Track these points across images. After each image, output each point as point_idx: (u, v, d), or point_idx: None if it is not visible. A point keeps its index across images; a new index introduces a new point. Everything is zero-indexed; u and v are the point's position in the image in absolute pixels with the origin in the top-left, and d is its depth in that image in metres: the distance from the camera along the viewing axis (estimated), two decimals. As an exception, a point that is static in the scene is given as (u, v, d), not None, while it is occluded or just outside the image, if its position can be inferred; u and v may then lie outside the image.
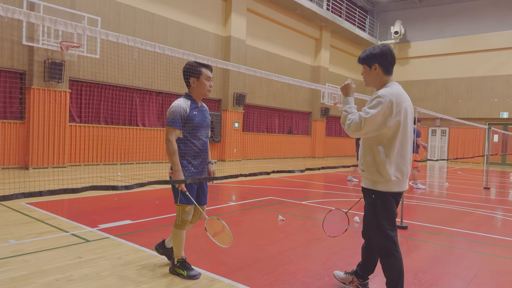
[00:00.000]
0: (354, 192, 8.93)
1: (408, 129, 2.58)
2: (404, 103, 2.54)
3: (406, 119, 2.55)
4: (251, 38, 17.33)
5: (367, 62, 2.69)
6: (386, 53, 2.62)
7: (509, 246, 4.65)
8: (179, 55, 2.50)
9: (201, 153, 3.29)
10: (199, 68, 3.22)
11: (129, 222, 5.07)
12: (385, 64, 2.64)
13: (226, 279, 3.24)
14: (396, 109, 2.48)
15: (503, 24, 21.51)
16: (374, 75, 2.69)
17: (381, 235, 2.64)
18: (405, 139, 2.55)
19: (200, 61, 3.17)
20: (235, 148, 16.44)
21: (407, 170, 2.59)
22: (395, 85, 2.63)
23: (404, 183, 2.63)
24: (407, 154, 2.59)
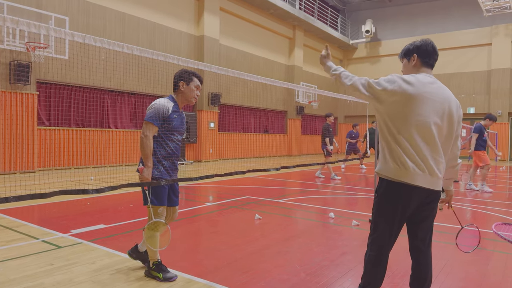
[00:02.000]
0: (328, 188, 9.06)
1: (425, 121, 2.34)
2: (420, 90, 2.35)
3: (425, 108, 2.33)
4: (224, 37, 17.27)
5: (407, 54, 2.62)
6: (427, 44, 2.54)
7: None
8: (148, 55, 2.46)
9: (173, 155, 3.28)
10: (191, 76, 3.30)
11: (102, 226, 4.97)
12: (423, 55, 2.53)
13: (203, 279, 3.23)
14: (401, 92, 2.35)
15: (469, 22, 22.33)
16: (411, 67, 2.59)
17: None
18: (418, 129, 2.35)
19: (171, 62, 3.17)
20: (211, 149, 16.36)
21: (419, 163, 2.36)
22: (423, 75, 2.47)
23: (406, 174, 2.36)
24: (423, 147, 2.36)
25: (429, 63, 2.53)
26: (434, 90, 2.40)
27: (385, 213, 2.46)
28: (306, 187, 9.31)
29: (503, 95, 21.28)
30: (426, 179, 2.36)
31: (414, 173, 2.34)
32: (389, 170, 2.40)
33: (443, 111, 2.40)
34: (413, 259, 2.61)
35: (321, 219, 5.71)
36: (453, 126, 2.44)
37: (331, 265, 3.69)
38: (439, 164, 2.40)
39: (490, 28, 21.60)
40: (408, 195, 2.38)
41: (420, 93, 2.35)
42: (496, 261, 3.87)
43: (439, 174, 2.40)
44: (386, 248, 2.49)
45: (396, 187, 2.39)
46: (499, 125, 21.38)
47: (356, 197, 8.00)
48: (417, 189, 2.37)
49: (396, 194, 2.40)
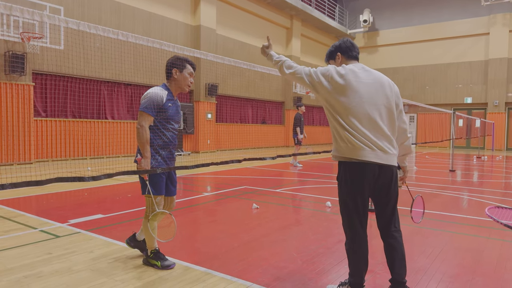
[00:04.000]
0: (326, 178, 9.10)
1: (361, 105, 2.50)
2: (350, 77, 2.53)
3: (356, 93, 2.51)
4: (221, 27, 17.14)
5: (331, 56, 2.81)
6: (345, 42, 2.76)
7: (473, 224, 4.89)
8: (143, 42, 2.44)
9: (170, 144, 3.27)
10: (184, 62, 3.26)
11: (100, 216, 4.98)
12: (345, 50, 2.73)
13: (200, 267, 3.26)
14: (334, 77, 2.53)
15: (466, 12, 22.24)
16: (338, 65, 2.74)
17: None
18: (357, 113, 2.50)
19: (167, 49, 3.15)
20: (209, 139, 16.35)
21: (362, 140, 2.49)
22: (351, 64, 2.65)
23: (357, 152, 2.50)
24: (364, 125, 2.50)
25: (353, 56, 2.74)
26: (364, 75, 2.58)
27: (347, 195, 2.58)
28: (303, 177, 9.35)
29: (500, 85, 21.30)
30: (377, 155, 2.49)
31: (364, 150, 2.48)
32: (341, 150, 2.56)
33: (377, 92, 2.56)
34: (384, 240, 2.68)
35: (318, 208, 5.75)
36: (391, 103, 2.60)
37: (327, 252, 3.72)
38: (389, 141, 2.55)
39: (487, 17, 21.53)
40: (362, 172, 2.50)
41: (351, 81, 2.53)
42: (491, 248, 3.92)
43: (389, 150, 2.54)
44: (359, 230, 2.59)
45: (351, 166, 2.53)
46: (496, 114, 21.46)
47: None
48: (370, 165, 2.50)
49: (352, 173, 2.53)
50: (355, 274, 2.64)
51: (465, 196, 6.92)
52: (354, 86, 2.51)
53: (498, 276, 3.17)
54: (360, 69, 2.61)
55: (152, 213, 3.16)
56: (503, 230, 4.61)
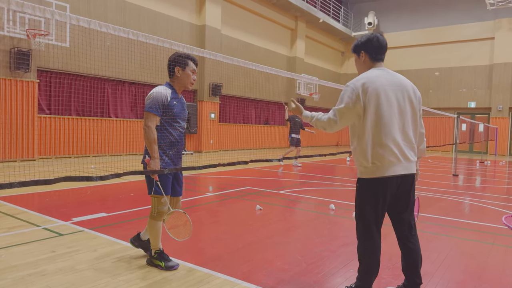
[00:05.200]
0: (328, 180, 9.08)
1: (384, 111, 2.44)
2: (369, 86, 2.43)
3: (381, 101, 2.43)
4: (226, 27, 17.14)
5: (355, 50, 2.71)
6: (372, 39, 2.61)
7: (477, 230, 4.86)
8: (153, 41, 2.43)
9: (177, 144, 3.25)
10: (186, 59, 3.21)
11: (104, 214, 4.98)
12: (371, 51, 2.61)
13: (204, 268, 3.24)
14: (361, 94, 2.44)
15: (472, 16, 22.16)
16: (362, 63, 2.68)
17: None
18: (381, 122, 2.43)
19: (176, 49, 3.14)
20: (212, 139, 16.35)
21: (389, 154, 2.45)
22: (373, 70, 2.57)
23: (386, 169, 2.46)
24: (388, 137, 2.45)
25: (378, 58, 2.63)
26: (386, 80, 2.50)
27: (369, 207, 2.54)
28: (306, 178, 9.33)
29: (504, 89, 21.22)
30: (403, 166, 2.49)
31: (393, 166, 2.46)
32: (367, 172, 2.50)
33: (403, 97, 2.52)
34: (402, 245, 2.71)
35: (322, 210, 5.73)
36: (415, 109, 2.58)
37: (332, 255, 3.70)
38: (413, 148, 2.55)
39: (493, 22, 21.45)
40: (388, 185, 2.48)
41: (374, 88, 2.45)
42: (495, 254, 3.89)
43: (412, 158, 2.55)
44: (376, 238, 2.60)
45: (376, 182, 2.49)
46: (499, 119, 21.37)
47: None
48: (395, 178, 2.49)
49: (377, 188, 2.49)
50: (365, 280, 2.63)
51: (468, 201, 6.88)
52: (378, 93, 2.43)
53: (504, 284, 3.14)
54: (384, 74, 2.54)
55: (167, 212, 3.15)
56: (508, 236, 4.58)
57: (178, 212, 3.18)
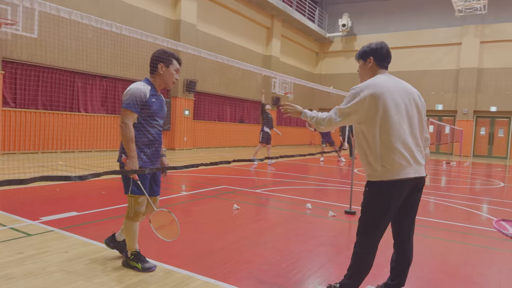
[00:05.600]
0: (303, 179, 9.14)
1: (392, 115, 2.45)
2: (378, 90, 2.45)
3: (389, 105, 2.44)
4: (202, 23, 16.93)
5: (363, 56, 2.74)
6: (382, 47, 2.70)
7: (447, 229, 5.01)
8: (137, 35, 2.32)
9: (155, 142, 3.15)
10: (171, 58, 3.12)
11: (74, 214, 4.78)
12: (379, 57, 2.68)
13: (183, 270, 3.16)
14: (367, 98, 2.45)
15: (441, 21, 22.93)
16: (368, 69, 2.72)
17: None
18: (391, 126, 2.44)
19: (149, 41, 3.03)
20: (186, 137, 16.12)
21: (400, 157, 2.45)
22: (380, 76, 2.61)
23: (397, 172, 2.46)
24: (399, 141, 2.46)
25: (384, 65, 2.70)
26: (393, 86, 2.54)
27: (381, 211, 2.52)
28: (281, 177, 9.35)
29: (469, 93, 22.12)
30: (415, 169, 2.49)
31: (404, 169, 2.45)
32: (378, 175, 2.49)
33: (410, 102, 2.56)
34: (399, 246, 2.72)
35: (298, 209, 5.74)
36: (422, 114, 2.63)
37: (311, 255, 3.71)
38: (421, 152, 2.58)
39: (460, 28, 22.30)
40: (399, 190, 2.49)
41: (382, 92, 2.47)
42: (468, 253, 4.02)
43: (422, 161, 2.56)
44: (378, 240, 2.60)
45: (386, 186, 2.47)
46: (465, 122, 22.26)
47: (332, 189, 8.10)
48: (406, 181, 2.49)
49: (390, 192, 2.48)
50: (355, 280, 2.62)
51: (437, 201, 7.10)
52: (386, 97, 2.45)
53: (477, 281, 3.24)
54: (390, 79, 2.58)
55: (152, 213, 3.04)
56: (477, 235, 4.75)
57: (163, 211, 3.08)
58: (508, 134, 21.80)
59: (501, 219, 2.43)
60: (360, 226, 2.62)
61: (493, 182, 10.62)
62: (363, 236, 2.59)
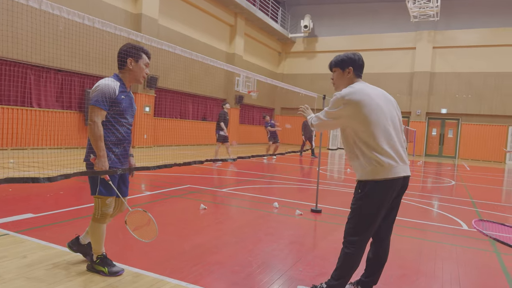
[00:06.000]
0: (267, 178, 9.20)
1: (379, 118, 2.57)
2: (361, 97, 2.57)
3: (374, 109, 2.56)
4: (164, 18, 16.53)
5: (341, 65, 2.82)
6: (359, 58, 2.82)
7: (406, 226, 5.23)
8: (78, 19, 2.17)
9: (124, 141, 3.02)
10: (140, 52, 3.01)
11: (30, 216, 4.49)
12: (357, 68, 2.80)
13: (152, 273, 3.06)
14: (351, 104, 2.57)
15: (397, 26, 23.93)
16: (347, 78, 2.81)
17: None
18: (377, 129, 2.55)
19: (109, 30, 2.90)
20: (146, 134, 15.69)
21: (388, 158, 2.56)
22: (359, 83, 2.74)
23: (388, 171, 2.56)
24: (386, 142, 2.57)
25: (360, 75, 2.85)
26: (374, 91, 2.69)
27: (374, 210, 2.59)
28: (245, 176, 9.35)
29: (422, 96, 23.28)
30: (403, 168, 2.61)
31: (393, 168, 2.56)
32: (369, 173, 2.57)
33: (388, 106, 2.70)
34: (377, 245, 2.79)
35: (265, 208, 5.76)
36: (399, 117, 2.79)
37: (281, 254, 3.73)
38: (404, 152, 2.70)
39: (415, 33, 23.39)
40: (391, 188, 2.59)
41: (368, 98, 2.61)
42: (427, 249, 4.21)
43: (407, 161, 2.69)
44: (368, 239, 2.68)
45: (379, 185, 2.56)
46: (418, 123, 23.40)
47: (297, 187, 8.21)
48: (397, 180, 2.61)
49: (382, 191, 2.57)
50: (345, 280, 2.66)
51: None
52: (368, 101, 2.58)
53: (438, 275, 3.41)
54: (367, 86, 2.71)
55: (127, 213, 2.92)
56: (434, 232, 5.00)
57: (139, 211, 2.96)
58: (457, 135, 23.19)
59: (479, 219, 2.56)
60: (351, 227, 2.65)
61: (445, 180, 11.25)
62: (355, 236, 2.62)
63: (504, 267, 3.73)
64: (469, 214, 6.24)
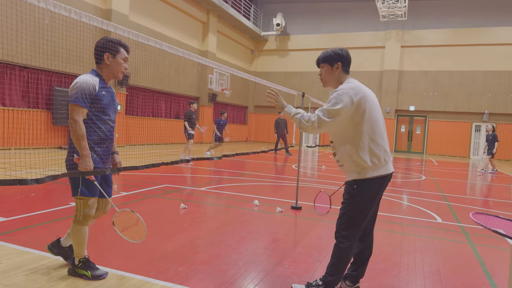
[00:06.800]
0: (245, 176, 9.19)
1: (376, 115, 2.64)
2: (363, 93, 2.60)
3: (372, 106, 2.62)
4: (135, 14, 16.14)
5: (330, 61, 2.78)
6: (347, 54, 2.82)
7: (385, 220, 5.36)
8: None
9: (107, 139, 2.92)
10: (117, 46, 2.90)
11: (1, 219, 4.27)
12: (346, 63, 2.79)
13: (137, 275, 2.99)
14: (356, 99, 2.56)
15: (367, 25, 24.46)
16: (336, 74, 2.79)
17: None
18: (375, 126, 2.62)
19: (76, 18, 2.80)
20: (117, 133, 15.28)
21: (383, 154, 2.65)
22: (352, 79, 2.76)
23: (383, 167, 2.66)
24: (382, 139, 2.66)
25: (348, 71, 2.86)
26: (367, 89, 2.73)
27: (368, 207, 2.66)
28: (222, 174, 9.29)
29: (391, 94, 23.94)
30: (390, 165, 2.73)
31: (387, 164, 2.67)
32: (367, 171, 2.61)
33: (378, 104, 2.77)
34: (362, 239, 2.85)
35: (246, 206, 5.75)
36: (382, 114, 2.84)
37: (266, 252, 3.73)
38: (389, 149, 2.79)
39: (384, 32, 23.99)
40: (384, 184, 2.70)
41: (366, 95, 2.64)
42: (406, 242, 4.34)
43: (391, 157, 2.80)
44: (359, 234, 2.74)
45: (375, 182, 2.63)
46: (387, 120, 24.03)
47: (275, 185, 8.24)
48: (389, 176, 2.72)
49: (376, 188, 2.65)
50: (340, 275, 2.71)
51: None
52: (365, 99, 2.60)
53: (419, 267, 3.51)
54: (360, 84, 2.72)
55: (114, 214, 2.83)
56: (413, 226, 5.15)
57: (126, 211, 2.86)
58: (424, 131, 24.03)
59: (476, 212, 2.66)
60: (345, 222, 2.69)
61: (415, 175, 11.63)
62: (349, 231, 2.66)
63: (480, 258, 3.90)
64: (441, 207, 6.48)
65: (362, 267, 2.86)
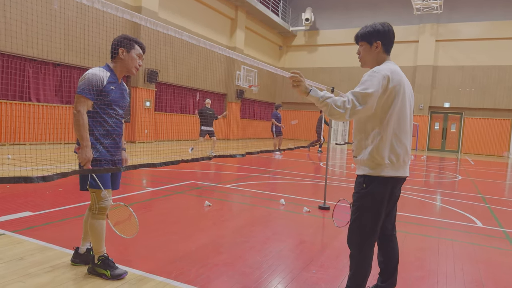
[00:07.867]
0: (271, 174, 9.02)
1: (406, 109, 2.35)
2: (400, 80, 2.30)
3: (404, 98, 2.34)
4: (164, 11, 16.26)
5: (368, 39, 2.45)
6: (389, 30, 2.45)
7: (422, 224, 5.05)
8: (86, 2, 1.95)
9: (113, 132, 2.87)
10: (132, 43, 2.91)
11: (28, 214, 4.31)
12: (387, 42, 2.45)
13: (157, 276, 2.88)
14: (391, 84, 2.26)
15: (400, 19, 23.60)
16: (375, 54, 2.46)
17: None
18: (402, 120, 2.33)
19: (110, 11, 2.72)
20: (147, 129, 15.48)
21: (404, 154, 2.36)
22: (392, 64, 2.43)
23: (399, 168, 2.38)
24: (406, 136, 2.36)
25: (389, 52, 2.52)
26: (404, 79, 2.40)
27: (382, 209, 2.40)
28: (247, 171, 9.16)
29: (425, 90, 23.03)
30: (407, 168, 2.45)
31: (403, 165, 2.39)
32: (381, 169, 2.34)
33: (411, 97, 2.47)
34: (384, 245, 2.62)
35: (272, 205, 5.57)
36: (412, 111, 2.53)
37: (292, 255, 3.55)
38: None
39: (418, 26, 23.09)
40: (396, 187, 2.43)
41: (403, 83, 2.35)
42: (444, 248, 4.04)
43: (408, 161, 2.49)
44: (375, 240, 2.48)
45: (385, 182, 2.36)
46: (421, 117, 23.18)
47: (302, 183, 8.03)
48: (401, 180, 2.45)
49: (387, 188, 2.38)
50: (363, 282, 2.45)
51: (407, 195, 7.23)
52: (400, 89, 2.31)
53: (459, 277, 3.23)
54: (399, 69, 2.39)
55: (108, 209, 2.76)
56: (450, 229, 4.82)
57: (119, 205, 2.78)
58: (460, 129, 22.99)
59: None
60: (357, 227, 2.42)
61: (450, 175, 11.07)
62: (364, 238, 2.40)
63: (527, 268, 3.56)
64: (481, 210, 6.07)
65: (392, 277, 2.61)
